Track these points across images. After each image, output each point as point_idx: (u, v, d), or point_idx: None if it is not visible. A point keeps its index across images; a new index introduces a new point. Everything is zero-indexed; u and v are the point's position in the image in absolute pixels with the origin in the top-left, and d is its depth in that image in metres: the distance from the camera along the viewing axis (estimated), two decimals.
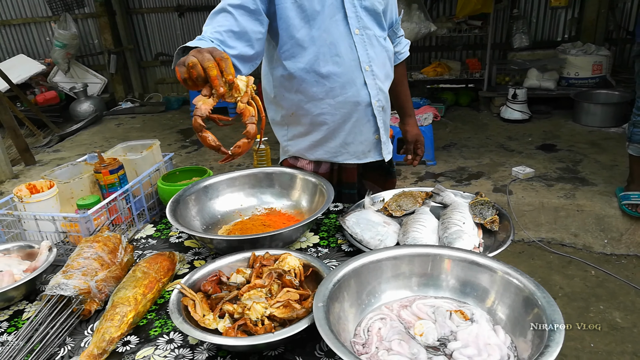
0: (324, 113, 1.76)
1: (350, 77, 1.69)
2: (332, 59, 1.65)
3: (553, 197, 3.50)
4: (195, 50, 1.17)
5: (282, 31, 1.63)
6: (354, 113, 1.76)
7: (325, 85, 1.69)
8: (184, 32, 6.81)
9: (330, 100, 1.72)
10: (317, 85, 1.69)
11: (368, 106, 1.77)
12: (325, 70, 1.66)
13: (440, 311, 1.23)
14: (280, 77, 1.74)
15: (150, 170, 1.92)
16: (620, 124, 4.74)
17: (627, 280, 2.92)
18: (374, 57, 1.72)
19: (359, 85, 1.72)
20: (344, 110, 1.75)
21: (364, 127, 1.81)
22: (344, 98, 1.72)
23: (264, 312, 1.16)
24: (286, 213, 1.83)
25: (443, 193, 1.84)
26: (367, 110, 1.78)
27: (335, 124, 1.78)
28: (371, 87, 1.74)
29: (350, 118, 1.77)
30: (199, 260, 1.60)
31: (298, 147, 1.89)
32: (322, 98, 1.72)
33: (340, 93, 1.71)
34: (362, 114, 1.78)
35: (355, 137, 1.83)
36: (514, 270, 1.21)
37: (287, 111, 1.83)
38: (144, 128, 5.86)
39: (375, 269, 1.30)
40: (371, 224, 1.63)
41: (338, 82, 1.69)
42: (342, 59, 1.66)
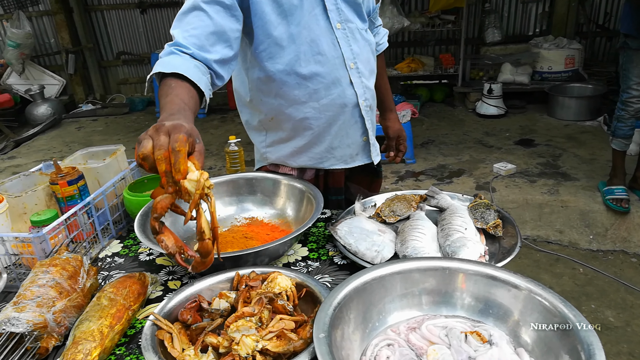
0: (308, 117, 1.60)
1: (334, 76, 1.54)
2: (314, 57, 1.50)
3: (537, 194, 3.44)
4: (153, 128, 0.94)
5: (258, 29, 1.45)
6: (340, 115, 1.61)
7: (308, 88, 1.54)
8: (146, 30, 6.51)
9: (314, 104, 1.57)
10: (299, 87, 1.53)
11: (355, 107, 1.62)
12: (307, 70, 1.51)
13: (454, 333, 1.09)
14: (257, 79, 1.56)
15: (114, 179, 1.72)
16: (595, 117, 4.75)
17: (616, 277, 2.86)
18: (358, 53, 1.57)
19: (344, 84, 1.57)
20: (330, 114, 1.60)
21: (350, 130, 1.66)
22: (329, 100, 1.57)
23: (255, 347, 1.00)
24: (269, 223, 1.66)
25: (438, 196, 1.71)
26: (355, 112, 1.63)
27: (320, 128, 1.62)
28: (357, 86, 1.59)
29: (337, 121, 1.62)
30: (174, 280, 1.42)
31: (279, 154, 1.72)
32: (305, 101, 1.56)
33: (325, 95, 1.56)
34: (349, 116, 1.63)
35: (342, 141, 1.67)
36: (538, 286, 1.08)
37: (265, 116, 1.66)
38: (107, 131, 5.56)
39: (379, 287, 1.15)
40: (365, 232, 1.49)
41: (322, 83, 1.54)
42: (324, 57, 1.51)
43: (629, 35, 2.90)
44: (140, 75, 6.79)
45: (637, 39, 2.86)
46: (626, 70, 3.01)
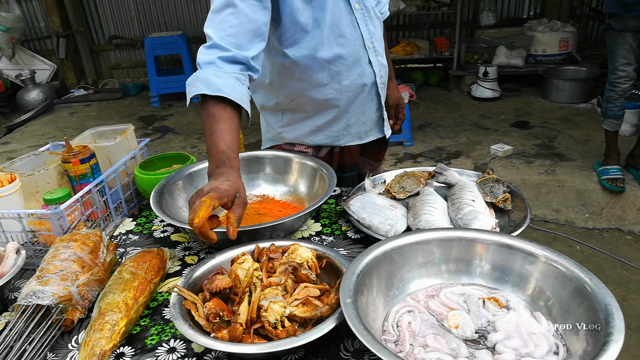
0: (330, 99, 1.64)
1: (355, 57, 1.58)
2: (336, 40, 1.53)
3: (534, 174, 3.49)
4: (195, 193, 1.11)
5: (285, 16, 1.46)
6: (359, 94, 1.66)
7: (331, 70, 1.57)
8: (138, 13, 6.42)
9: (335, 85, 1.60)
10: (321, 71, 1.56)
11: (373, 85, 1.67)
12: (330, 54, 1.53)
13: (472, 299, 1.12)
14: (279, 64, 1.58)
15: (126, 157, 1.72)
16: (589, 99, 4.80)
17: (612, 254, 2.93)
18: (374, 32, 1.61)
19: (364, 64, 1.61)
20: (350, 94, 1.64)
21: (367, 107, 1.71)
22: (350, 81, 1.61)
23: (283, 313, 1.02)
24: (281, 200, 1.68)
25: (446, 172, 1.74)
26: (372, 90, 1.68)
27: (341, 109, 1.66)
28: (375, 64, 1.64)
29: (356, 100, 1.67)
30: (191, 256, 1.44)
31: (296, 134, 1.74)
32: (327, 83, 1.60)
33: (347, 76, 1.60)
34: (367, 94, 1.68)
35: (358, 118, 1.72)
36: (554, 252, 1.11)
37: (285, 98, 1.68)
38: (100, 116, 5.51)
39: (398, 256, 1.18)
40: (378, 207, 1.52)
41: (344, 65, 1.57)
42: (346, 39, 1.54)
43: (612, 15, 2.94)
44: (132, 60, 6.70)
45: (620, 20, 2.90)
46: (612, 52, 3.05)
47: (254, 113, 1.51)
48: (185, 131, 4.81)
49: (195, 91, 1.26)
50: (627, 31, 2.93)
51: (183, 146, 4.44)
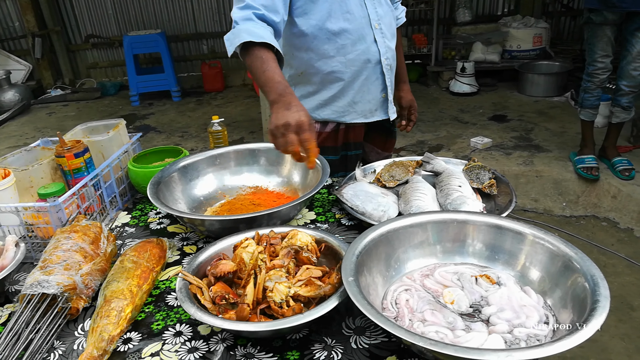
0: (335, 71, 1.74)
1: (361, 33, 1.69)
2: (343, 15, 1.64)
3: (513, 165, 3.59)
4: (283, 126, 1.22)
5: None
6: (364, 70, 1.75)
7: (337, 43, 1.67)
8: (116, 12, 6.35)
9: (341, 58, 1.70)
10: (328, 42, 1.67)
11: (377, 64, 1.76)
12: (336, 27, 1.65)
13: (465, 277, 1.18)
14: (290, 34, 1.70)
15: (119, 151, 1.74)
16: (562, 92, 4.95)
17: (589, 240, 3.04)
18: (382, 15, 1.73)
19: (369, 42, 1.71)
20: (355, 68, 1.74)
21: (372, 85, 1.80)
22: (355, 55, 1.71)
23: (288, 292, 1.06)
24: (274, 191, 1.72)
25: (433, 161, 1.80)
26: (377, 68, 1.77)
27: (345, 82, 1.76)
28: (381, 44, 1.74)
29: (360, 76, 1.76)
30: (189, 245, 1.47)
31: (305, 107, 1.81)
32: (333, 56, 1.70)
33: (352, 50, 1.70)
34: (372, 72, 1.77)
35: (363, 96, 1.81)
36: (541, 230, 1.18)
37: (296, 70, 1.79)
38: (79, 116, 5.44)
39: (394, 238, 1.23)
40: (370, 195, 1.57)
41: (349, 39, 1.68)
42: (352, 15, 1.66)
43: (593, 10, 3.04)
44: (110, 59, 6.62)
45: (601, 14, 3.01)
46: (591, 45, 3.16)
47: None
48: (167, 129, 4.79)
49: (241, 40, 1.39)
50: (606, 24, 3.04)
51: (166, 144, 4.39)
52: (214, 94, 5.95)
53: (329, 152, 1.88)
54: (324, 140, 1.86)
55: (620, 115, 3.27)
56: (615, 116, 3.31)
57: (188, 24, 6.41)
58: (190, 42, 6.49)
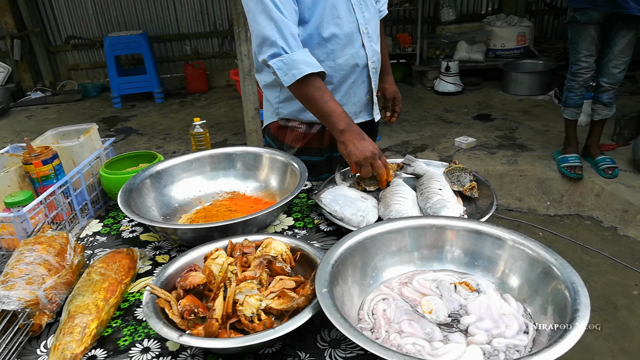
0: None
1: (350, 38, 1.69)
2: (334, 21, 1.64)
3: (497, 164, 3.58)
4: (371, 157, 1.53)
5: None
6: (351, 74, 1.75)
7: (327, 47, 1.67)
8: (96, 12, 6.24)
9: (330, 62, 1.70)
10: (319, 47, 1.66)
11: (364, 67, 1.77)
12: (327, 32, 1.65)
13: (444, 285, 1.15)
14: None
15: (90, 157, 1.68)
16: (546, 91, 4.96)
17: (573, 239, 3.04)
18: (369, 19, 1.72)
19: (357, 47, 1.72)
20: (343, 72, 1.74)
21: (358, 88, 1.80)
22: (344, 60, 1.71)
23: (259, 306, 1.02)
24: (252, 196, 1.67)
25: (414, 163, 1.77)
26: (364, 72, 1.77)
27: (333, 85, 1.74)
28: (368, 48, 1.74)
29: (348, 79, 1.76)
30: (162, 255, 1.42)
31: (291, 109, 1.81)
32: (322, 60, 1.68)
33: (341, 55, 1.70)
34: (359, 75, 1.78)
35: (349, 99, 1.80)
36: (521, 236, 1.15)
37: None
38: (60, 119, 5.34)
39: (372, 245, 1.20)
40: (349, 200, 1.53)
41: (339, 44, 1.68)
42: (342, 20, 1.66)
43: (577, 9, 3.03)
44: (91, 61, 6.50)
45: (586, 13, 3.00)
46: (575, 44, 3.15)
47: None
48: (149, 132, 4.71)
49: (302, 73, 1.49)
50: (591, 24, 3.03)
51: (148, 147, 4.35)
52: (198, 95, 5.88)
53: (315, 153, 1.85)
54: (310, 142, 1.83)
55: (602, 112, 3.27)
56: (597, 113, 3.31)
57: (171, 24, 6.32)
58: (173, 42, 6.40)
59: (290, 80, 1.51)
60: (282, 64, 1.51)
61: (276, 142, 1.89)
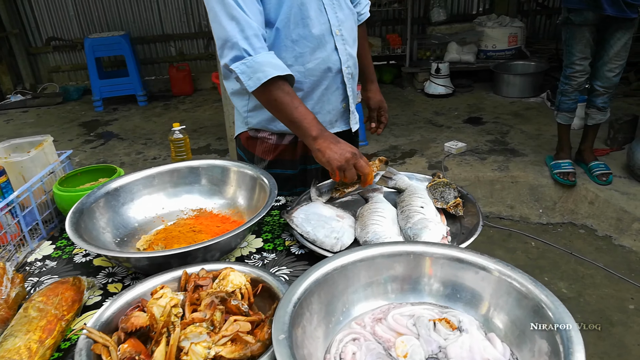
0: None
1: (320, 41, 1.56)
2: (303, 21, 1.51)
3: (487, 170, 3.47)
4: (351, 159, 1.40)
5: None
6: (323, 80, 1.62)
7: (295, 50, 1.54)
8: (78, 13, 6.07)
9: (299, 67, 1.56)
10: (286, 50, 1.53)
11: (338, 73, 1.63)
12: (295, 34, 1.52)
13: (422, 322, 1.02)
14: None
15: (42, 173, 1.54)
16: (538, 93, 4.86)
17: (566, 249, 2.93)
18: (343, 20, 1.60)
19: (329, 50, 1.58)
20: (314, 78, 1.60)
21: (332, 96, 1.66)
22: (314, 64, 1.58)
23: (207, 355, 0.89)
24: (219, 214, 1.54)
25: (396, 177, 1.65)
26: (337, 77, 1.64)
27: (304, 92, 1.61)
28: (341, 52, 1.61)
29: (320, 85, 1.62)
30: (114, 283, 1.28)
31: (260, 118, 1.68)
32: (290, 64, 1.55)
33: (310, 59, 1.57)
34: (332, 81, 1.64)
35: (323, 106, 1.67)
36: (507, 266, 1.02)
37: None
38: (39, 123, 5.18)
39: (341, 277, 1.06)
40: (323, 219, 1.41)
41: (308, 47, 1.55)
42: (312, 21, 1.53)
43: (572, 9, 2.91)
44: (73, 62, 6.33)
45: (581, 14, 2.88)
46: (569, 46, 3.03)
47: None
48: (131, 136, 4.56)
49: (268, 76, 1.37)
50: (586, 25, 2.91)
51: (128, 152, 4.20)
52: (183, 97, 5.73)
53: (287, 166, 1.72)
54: (282, 154, 1.71)
55: (596, 117, 3.16)
56: (590, 118, 3.20)
57: (154, 25, 6.17)
58: (157, 44, 6.25)
59: (255, 85, 1.39)
60: (245, 67, 1.39)
61: (247, 154, 1.76)
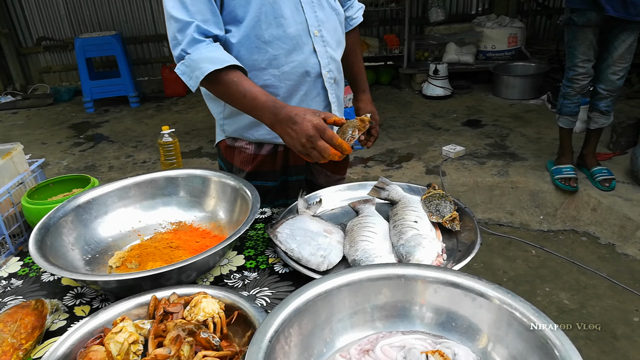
0: (267, 85, 1.46)
1: (296, 42, 1.44)
2: (276, 20, 1.40)
3: (487, 176, 3.37)
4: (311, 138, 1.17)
5: None
6: (301, 85, 1.50)
7: (268, 52, 1.43)
8: (69, 12, 5.96)
9: (274, 71, 1.45)
10: (258, 52, 1.43)
11: (318, 77, 1.51)
12: (267, 34, 1.40)
13: (413, 354, 0.92)
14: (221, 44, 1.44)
15: (9, 184, 1.44)
16: (539, 95, 4.76)
17: (568, 258, 2.83)
18: (323, 21, 1.48)
19: (307, 52, 1.46)
20: (290, 82, 1.48)
21: (312, 102, 1.54)
22: (290, 68, 1.46)
23: None
24: (199, 227, 1.44)
25: (389, 187, 1.56)
26: (317, 82, 1.52)
27: (280, 98, 1.48)
28: (321, 55, 1.48)
29: (298, 91, 1.50)
30: (82, 305, 1.19)
31: (236, 126, 1.58)
32: (264, 67, 1.45)
33: (286, 62, 1.45)
34: (311, 86, 1.52)
35: None
36: (507, 293, 0.92)
37: None
38: (28, 125, 5.07)
39: (325, 304, 0.97)
40: (309, 235, 1.31)
41: (283, 49, 1.43)
42: (287, 21, 1.41)
43: (575, 9, 2.81)
44: (64, 63, 6.22)
45: (584, 15, 2.78)
46: (572, 48, 2.92)
47: None
48: (121, 139, 4.46)
49: (204, 72, 1.28)
50: (589, 26, 2.80)
51: (117, 155, 4.10)
52: (176, 98, 5.62)
53: (268, 177, 1.62)
54: (261, 165, 1.60)
55: (599, 121, 3.06)
56: (593, 122, 3.10)
57: (147, 24, 6.06)
58: (150, 44, 6.14)
59: (195, 84, 1.32)
60: (185, 68, 1.31)
61: (226, 164, 1.67)
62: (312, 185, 1.71)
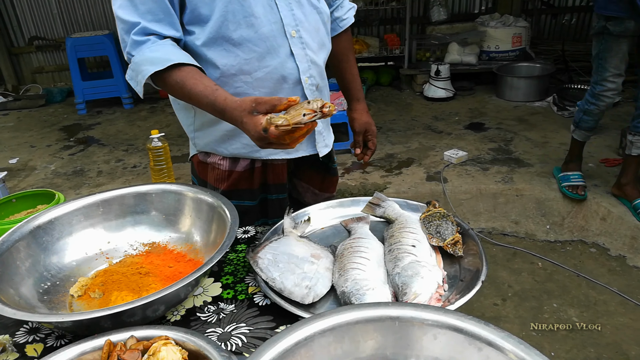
0: (239, 94, 1.31)
1: (270, 45, 1.30)
2: (246, 20, 1.25)
3: (490, 182, 3.21)
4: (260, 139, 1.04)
5: None
6: (278, 93, 1.35)
7: (238, 57, 1.29)
8: (61, 11, 5.82)
9: (246, 77, 1.31)
10: (227, 55, 1.28)
11: (297, 84, 1.36)
12: (236, 35, 1.26)
13: None
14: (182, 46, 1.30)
15: None
16: (544, 97, 4.61)
17: (576, 271, 2.68)
18: (302, 20, 1.33)
19: (283, 56, 1.32)
20: (265, 90, 1.34)
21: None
22: (264, 74, 1.32)
23: None
24: (174, 249, 1.31)
25: (385, 203, 1.43)
26: (296, 90, 1.37)
27: None
28: (300, 58, 1.34)
29: None
30: (35, 343, 1.06)
31: (208, 139, 1.43)
32: (234, 74, 1.31)
33: (259, 67, 1.31)
34: (289, 94, 1.34)
35: None
36: (522, 345, 0.78)
37: None
38: (18, 127, 4.93)
39: (305, 355, 0.82)
40: (294, 261, 1.18)
41: (255, 52, 1.29)
42: (258, 20, 1.26)
43: (610, 18, 2.53)
44: (57, 63, 6.07)
45: (621, 23, 2.50)
46: (602, 60, 2.63)
47: None
48: (112, 142, 4.31)
49: (145, 75, 1.17)
50: (625, 37, 2.54)
51: (107, 160, 3.95)
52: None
53: (245, 196, 1.48)
54: (237, 182, 1.46)
55: None
56: (635, 147, 2.66)
57: None
58: None
59: (141, 89, 1.22)
60: (131, 72, 1.22)
61: (199, 182, 1.52)
62: (298, 204, 1.56)
